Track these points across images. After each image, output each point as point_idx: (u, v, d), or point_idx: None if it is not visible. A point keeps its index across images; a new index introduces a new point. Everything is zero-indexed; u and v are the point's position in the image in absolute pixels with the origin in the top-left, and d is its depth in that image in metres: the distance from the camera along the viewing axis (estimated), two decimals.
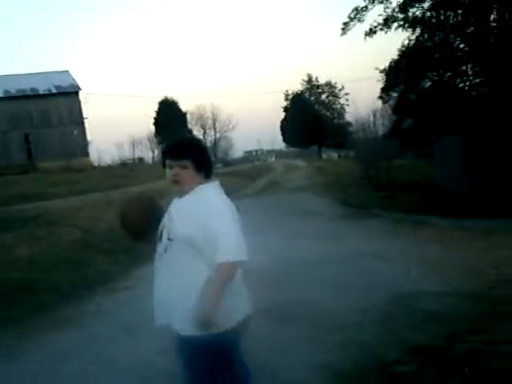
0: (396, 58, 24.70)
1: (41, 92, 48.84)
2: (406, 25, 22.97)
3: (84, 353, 5.49)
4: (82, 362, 5.24)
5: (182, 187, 3.01)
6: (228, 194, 3.07)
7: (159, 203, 3.20)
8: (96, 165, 56.38)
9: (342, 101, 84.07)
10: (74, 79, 51.11)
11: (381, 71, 26.93)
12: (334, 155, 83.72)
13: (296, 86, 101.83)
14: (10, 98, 47.72)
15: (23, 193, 21.00)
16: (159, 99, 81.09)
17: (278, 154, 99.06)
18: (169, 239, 2.94)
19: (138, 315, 5.99)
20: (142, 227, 3.16)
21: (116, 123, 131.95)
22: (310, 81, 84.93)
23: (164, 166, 3.06)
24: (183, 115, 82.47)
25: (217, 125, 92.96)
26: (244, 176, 37.68)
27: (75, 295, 7.95)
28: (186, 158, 2.97)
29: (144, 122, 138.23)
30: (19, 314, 6.98)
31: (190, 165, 2.96)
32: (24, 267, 9.34)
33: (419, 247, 10.22)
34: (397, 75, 24.43)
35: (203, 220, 2.82)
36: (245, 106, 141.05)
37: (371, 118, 79.03)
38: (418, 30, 23.08)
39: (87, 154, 51.98)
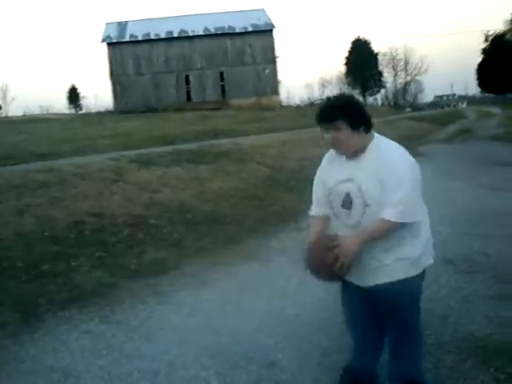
0: None
1: (237, 30, 50.13)
2: None
3: (270, 287, 5.66)
4: (268, 295, 5.41)
5: (342, 150, 3.00)
6: (417, 138, 2.93)
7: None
8: (284, 104, 57.27)
9: None
10: (269, 18, 51.76)
11: None
12: None
13: (498, 26, 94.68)
14: (208, 35, 49.60)
15: (216, 129, 21.93)
16: (352, 39, 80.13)
17: (471, 100, 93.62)
18: (366, 205, 2.93)
19: None
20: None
21: (307, 62, 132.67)
22: None
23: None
24: (375, 56, 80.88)
25: (408, 67, 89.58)
26: (434, 121, 36.34)
27: (261, 230, 8.19)
28: (337, 119, 2.91)
29: (335, 61, 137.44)
30: (209, 245, 7.37)
31: (344, 125, 2.91)
32: (214, 199, 9.80)
33: None
34: None
35: (381, 176, 2.85)
36: (439, 47, 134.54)
37: None
38: None
39: (277, 93, 52.87)
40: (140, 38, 49.37)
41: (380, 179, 2.85)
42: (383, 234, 2.90)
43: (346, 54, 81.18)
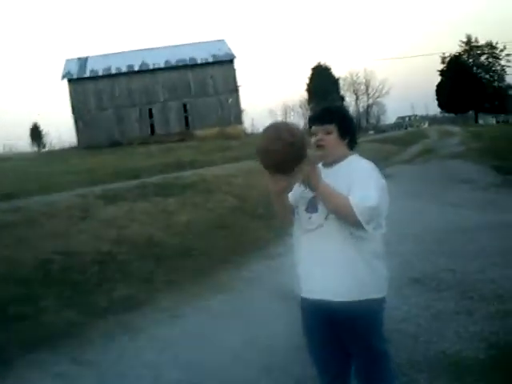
0: None
1: (198, 61, 50.43)
2: None
3: (242, 318, 5.66)
4: (240, 326, 5.39)
5: (325, 152, 2.99)
6: (380, 160, 2.98)
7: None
8: (249, 132, 57.57)
9: (502, 62, 78.87)
10: (229, 48, 52.22)
11: None
12: (492, 120, 79.43)
13: (454, 48, 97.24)
14: (170, 68, 49.79)
15: (180, 160, 21.91)
16: (312, 65, 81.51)
17: (432, 119, 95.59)
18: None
19: (291, 282, 6.05)
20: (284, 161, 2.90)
21: (269, 90, 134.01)
22: (469, 42, 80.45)
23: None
24: (336, 81, 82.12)
25: (369, 90, 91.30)
26: (397, 142, 36.89)
27: (230, 261, 8.18)
28: (330, 122, 2.97)
29: (297, 88, 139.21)
30: (179, 278, 7.33)
31: (334, 130, 2.97)
32: (182, 232, 9.77)
33: None
34: None
35: (351, 179, 2.81)
36: (399, 70, 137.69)
37: None
38: None
39: (241, 122, 53.15)
40: (101, 73, 49.28)
41: (349, 183, 2.81)
42: (334, 206, 2.78)
43: (307, 80, 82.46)
